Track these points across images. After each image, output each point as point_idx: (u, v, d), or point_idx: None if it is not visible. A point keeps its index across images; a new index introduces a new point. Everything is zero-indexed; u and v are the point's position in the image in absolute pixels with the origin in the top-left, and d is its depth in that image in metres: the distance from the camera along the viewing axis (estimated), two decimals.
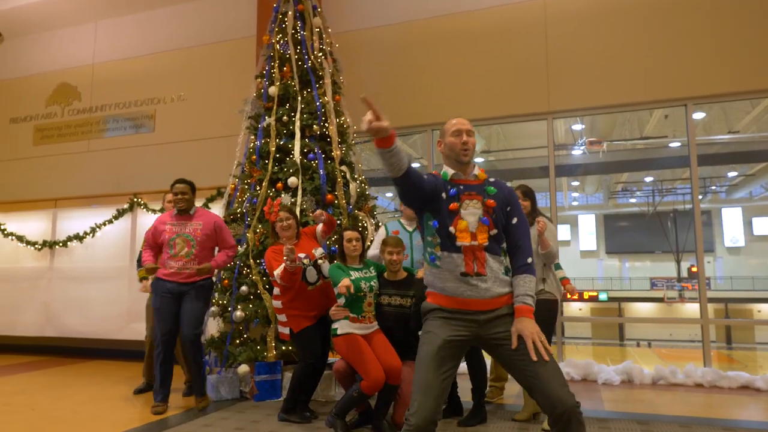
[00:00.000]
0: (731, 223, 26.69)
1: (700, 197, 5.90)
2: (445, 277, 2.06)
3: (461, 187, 2.12)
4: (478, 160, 13.94)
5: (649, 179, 24.32)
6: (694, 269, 23.78)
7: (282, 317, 3.79)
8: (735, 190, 26.13)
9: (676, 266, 26.05)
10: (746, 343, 21.96)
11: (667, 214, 26.01)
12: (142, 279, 4.71)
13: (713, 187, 25.78)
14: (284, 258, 3.44)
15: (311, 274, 3.67)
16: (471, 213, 2.08)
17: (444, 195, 2.10)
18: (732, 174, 23.71)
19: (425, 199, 2.09)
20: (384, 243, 3.51)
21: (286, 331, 3.80)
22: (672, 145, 16.28)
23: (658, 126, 14.47)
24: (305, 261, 3.60)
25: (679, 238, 25.56)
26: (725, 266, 26.68)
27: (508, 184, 2.29)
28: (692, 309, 23.75)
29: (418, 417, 1.92)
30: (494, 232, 2.08)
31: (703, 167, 19.89)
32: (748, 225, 26.42)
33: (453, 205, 2.08)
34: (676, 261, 25.99)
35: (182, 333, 4.02)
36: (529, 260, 2.09)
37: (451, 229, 2.05)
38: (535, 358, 1.92)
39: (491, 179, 2.21)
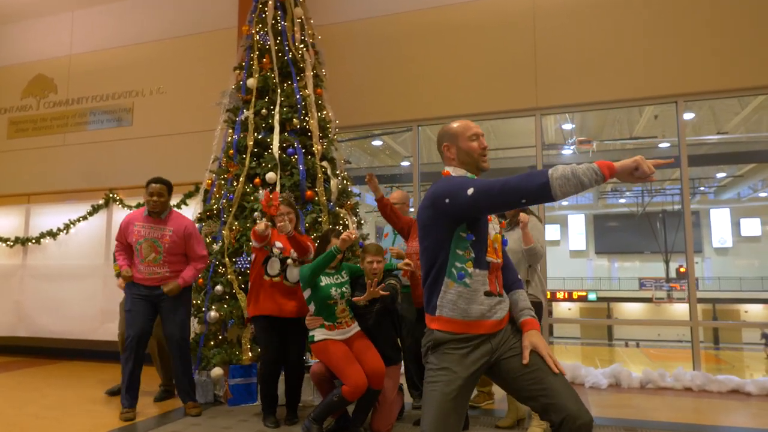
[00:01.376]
0: (719, 224, 26.85)
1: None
2: (472, 297, 1.83)
3: None
4: None
5: None
6: (683, 270, 23.91)
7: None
8: (723, 191, 26.27)
9: (664, 267, 26.16)
10: (734, 344, 22.10)
11: (656, 215, 26.12)
12: (118, 275, 4.52)
13: (702, 188, 25.90)
14: (278, 224, 3.39)
15: (273, 266, 3.57)
16: (493, 228, 1.93)
17: None
18: (720, 175, 23.82)
19: None
20: (365, 251, 3.38)
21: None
22: (662, 145, 16.27)
23: (647, 126, 14.44)
24: (274, 251, 3.53)
25: (667, 238, 25.66)
26: (713, 267, 26.85)
27: None
28: (680, 309, 23.86)
29: None
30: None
31: (692, 168, 19.94)
32: (736, 226, 26.59)
33: (489, 217, 1.90)
34: (664, 261, 26.10)
35: (167, 335, 3.89)
36: (519, 276, 2.06)
37: (488, 242, 1.87)
38: (556, 371, 1.79)
39: None
